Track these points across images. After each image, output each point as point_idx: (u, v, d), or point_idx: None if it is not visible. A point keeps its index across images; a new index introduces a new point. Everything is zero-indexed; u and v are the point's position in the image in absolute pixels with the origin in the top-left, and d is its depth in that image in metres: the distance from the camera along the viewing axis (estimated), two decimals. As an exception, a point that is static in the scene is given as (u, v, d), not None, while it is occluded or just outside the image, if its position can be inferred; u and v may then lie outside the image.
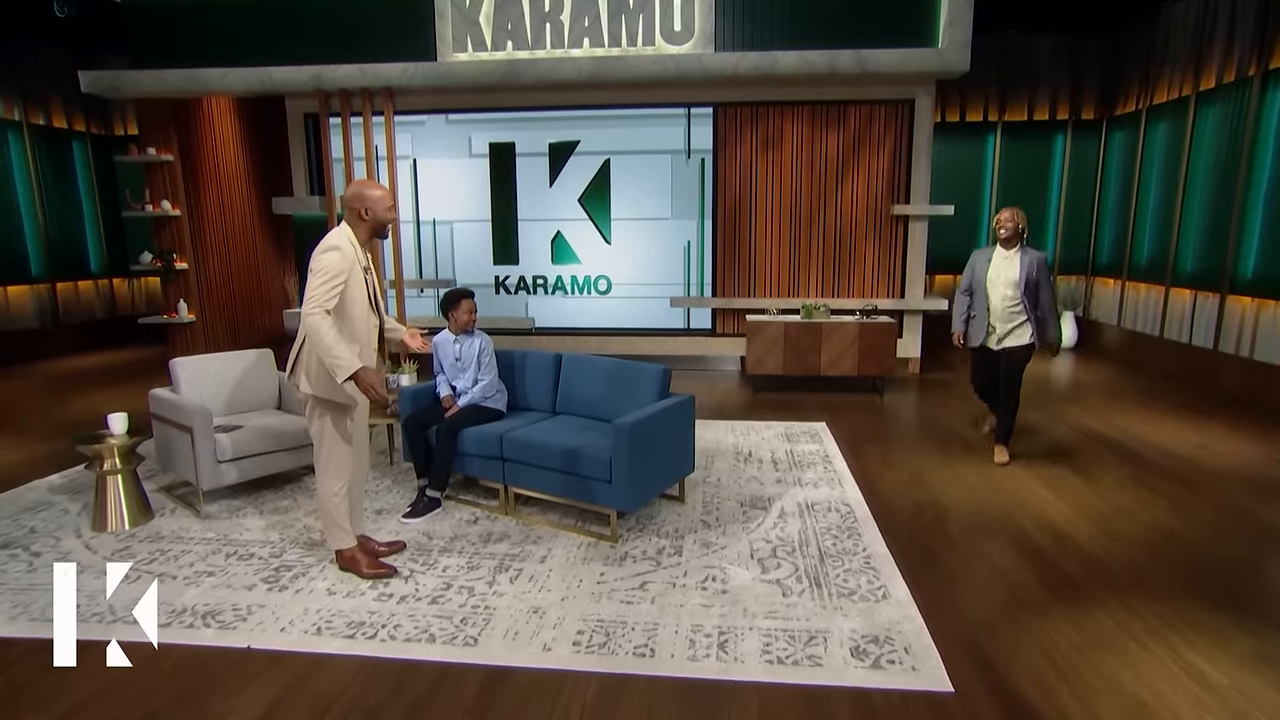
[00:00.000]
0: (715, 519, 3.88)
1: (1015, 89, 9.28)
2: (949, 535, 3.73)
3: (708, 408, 6.32)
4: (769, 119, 7.50)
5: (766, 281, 7.75)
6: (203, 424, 3.83)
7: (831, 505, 4.05)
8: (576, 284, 8.05)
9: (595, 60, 7.05)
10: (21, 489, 4.35)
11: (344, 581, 3.23)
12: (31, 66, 8.34)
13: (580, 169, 7.84)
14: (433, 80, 7.24)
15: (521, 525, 3.84)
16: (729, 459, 4.88)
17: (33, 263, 8.61)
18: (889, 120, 7.40)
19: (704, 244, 7.82)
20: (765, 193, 7.62)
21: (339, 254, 2.90)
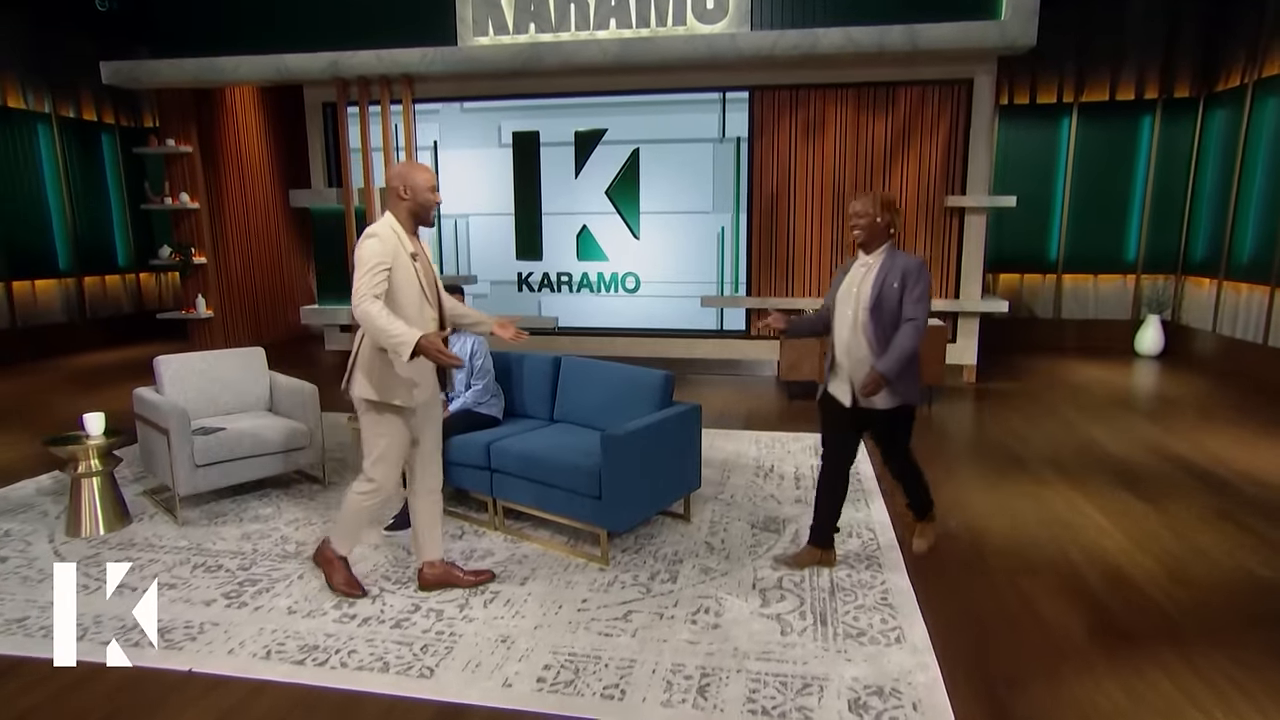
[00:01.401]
0: (720, 542, 3.66)
1: (1095, 66, 8.70)
2: (984, 569, 3.41)
3: (733, 416, 6.09)
4: (810, 103, 7.21)
5: (805, 279, 7.45)
6: (179, 425, 3.81)
7: (853, 529, 3.78)
8: (603, 281, 7.92)
9: (622, 42, 6.90)
10: (9, 489, 4.44)
11: (306, 600, 3.14)
12: (61, 58, 8.67)
13: (608, 159, 7.71)
14: (452, 66, 7.20)
15: (509, 542, 3.70)
16: (747, 474, 4.65)
17: (60, 257, 8.96)
18: (944, 103, 7.01)
19: (739, 239, 7.58)
20: (805, 183, 7.33)
21: (377, 241, 2.79)
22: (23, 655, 2.75)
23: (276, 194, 9.50)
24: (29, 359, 8.44)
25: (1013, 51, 6.59)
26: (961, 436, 5.72)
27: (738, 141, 7.44)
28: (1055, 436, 5.48)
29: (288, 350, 9.24)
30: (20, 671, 2.67)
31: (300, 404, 4.36)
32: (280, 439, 4.22)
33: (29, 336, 8.55)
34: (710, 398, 6.80)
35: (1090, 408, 6.28)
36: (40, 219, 8.71)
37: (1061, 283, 9.20)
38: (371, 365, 2.89)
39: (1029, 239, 9.15)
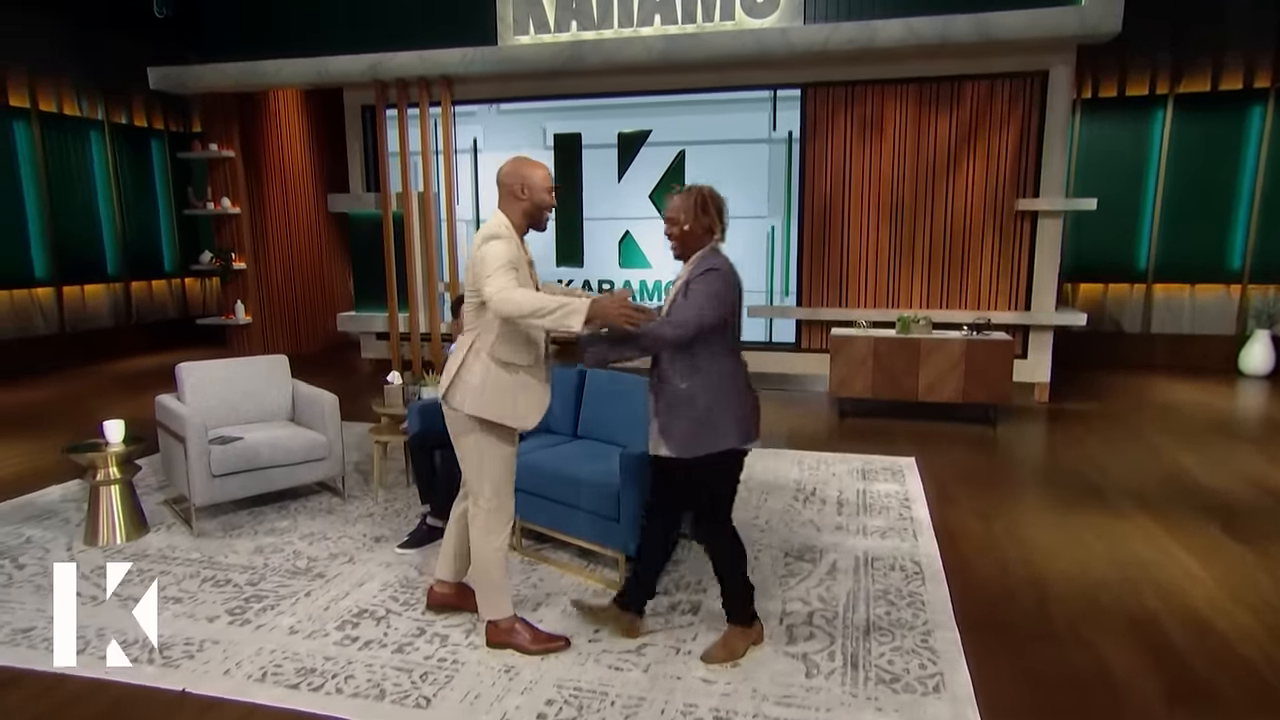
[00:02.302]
0: (750, 571, 3.48)
1: (1195, 54, 8.23)
2: (1044, 614, 3.19)
3: (777, 435, 5.95)
4: (866, 100, 7.03)
5: (860, 289, 7.25)
6: (196, 434, 3.90)
7: (896, 562, 3.60)
8: (646, 290, 7.86)
9: (667, 39, 6.87)
10: (35, 495, 4.62)
11: (310, 619, 3.14)
12: (116, 64, 9.14)
13: (652, 161, 7.68)
14: (492, 66, 7.30)
15: (526, 564, 3.65)
16: (786, 497, 4.51)
17: (109, 262, 9.41)
18: (1015, 97, 6.74)
19: (789, 246, 7.44)
20: (861, 186, 7.14)
21: (502, 243, 2.62)
22: (24, 667, 2.82)
23: (318, 199, 9.79)
24: (77, 363, 8.87)
25: (1094, 40, 6.29)
26: (1028, 461, 5.43)
27: (789, 142, 7.32)
28: (1138, 464, 5.15)
29: (325, 358, 9.48)
30: (19, 684, 2.74)
31: (319, 414, 4.42)
32: (299, 450, 4.28)
33: (77, 341, 9.00)
34: (755, 414, 6.63)
35: (1182, 432, 5.90)
36: (91, 225, 9.18)
37: (1152, 293, 8.71)
38: (485, 381, 2.67)
39: (1114, 245, 8.69)
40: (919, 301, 7.11)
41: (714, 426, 2.59)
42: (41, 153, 8.53)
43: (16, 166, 8.37)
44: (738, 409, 2.62)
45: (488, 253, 2.61)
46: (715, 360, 2.62)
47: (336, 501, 4.50)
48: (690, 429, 2.60)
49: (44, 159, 8.56)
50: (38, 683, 2.74)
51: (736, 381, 2.66)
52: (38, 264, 8.63)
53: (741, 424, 2.63)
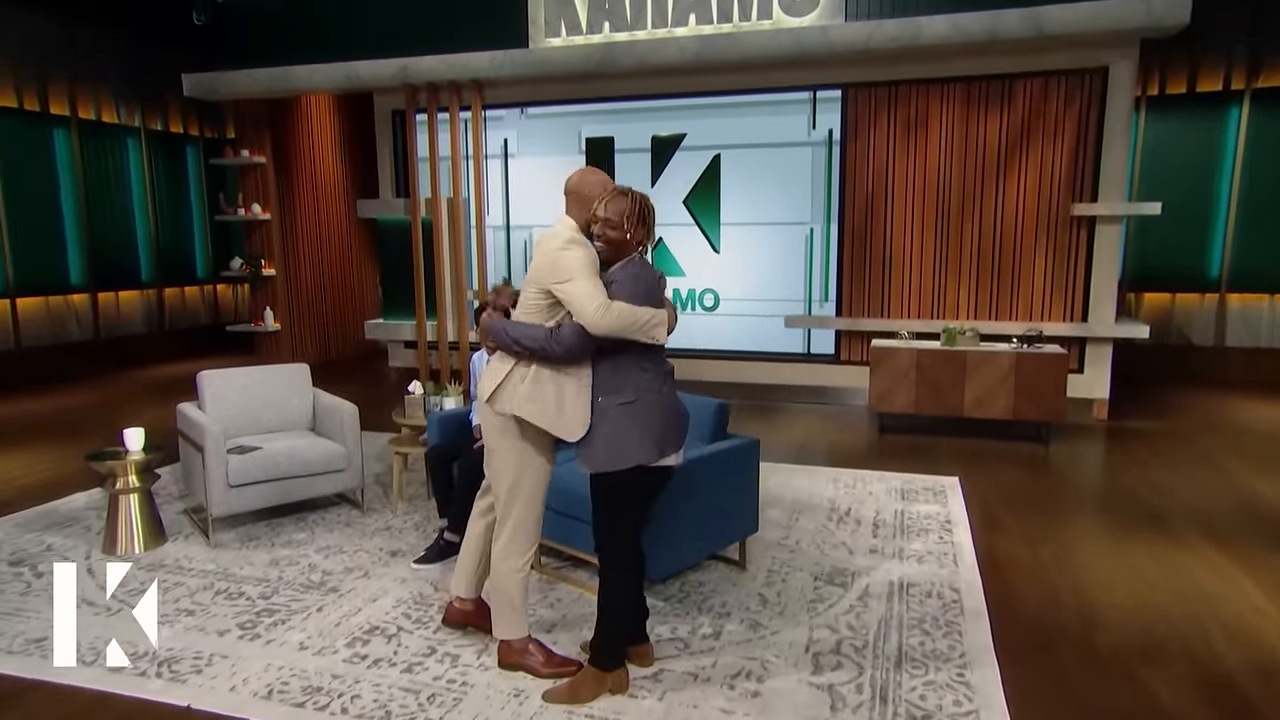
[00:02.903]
0: (777, 594, 3.47)
1: (1275, 45, 7.91)
2: (1093, 649, 3.06)
3: (814, 450, 5.86)
4: (911, 101, 6.92)
5: (903, 298, 7.12)
6: (214, 443, 3.98)
7: (934, 589, 3.50)
8: (679, 299, 7.88)
9: (701, 39, 6.86)
10: (59, 502, 4.75)
11: (320, 635, 3.17)
12: (154, 71, 9.48)
13: (686, 166, 7.68)
14: (522, 69, 7.37)
15: (543, 583, 3.64)
16: (819, 517, 4.43)
17: (143, 269, 9.73)
18: (1071, 96, 6.56)
19: (828, 253, 7.36)
20: (904, 190, 7.02)
21: (585, 250, 2.58)
22: (34, 678, 2.89)
23: (349, 205, 10.00)
24: (110, 370, 9.17)
25: (1160, 33, 6.10)
26: (1083, 483, 5.25)
27: (829, 145, 7.24)
28: (1206, 488, 4.94)
29: (354, 366, 9.65)
30: (27, 698, 2.80)
31: (339, 424, 4.48)
32: (318, 461, 4.34)
33: (111, 347, 9.31)
34: (791, 429, 6.57)
35: (1257, 455, 5.65)
36: (126, 231, 9.50)
37: (1226, 303, 8.38)
38: (537, 385, 2.62)
39: (1182, 252, 8.39)
40: (965, 312, 6.95)
41: (623, 441, 2.55)
42: (80, 160, 8.87)
43: (56, 174, 8.72)
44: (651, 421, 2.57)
45: (569, 260, 2.55)
46: (631, 370, 2.59)
47: (355, 514, 4.54)
48: (601, 443, 2.57)
49: (82, 166, 8.89)
50: (47, 694, 2.81)
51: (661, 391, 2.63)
52: (74, 270, 8.96)
53: (654, 438, 2.57)
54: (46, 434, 6.44)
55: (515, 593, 2.82)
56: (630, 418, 2.57)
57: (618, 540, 2.68)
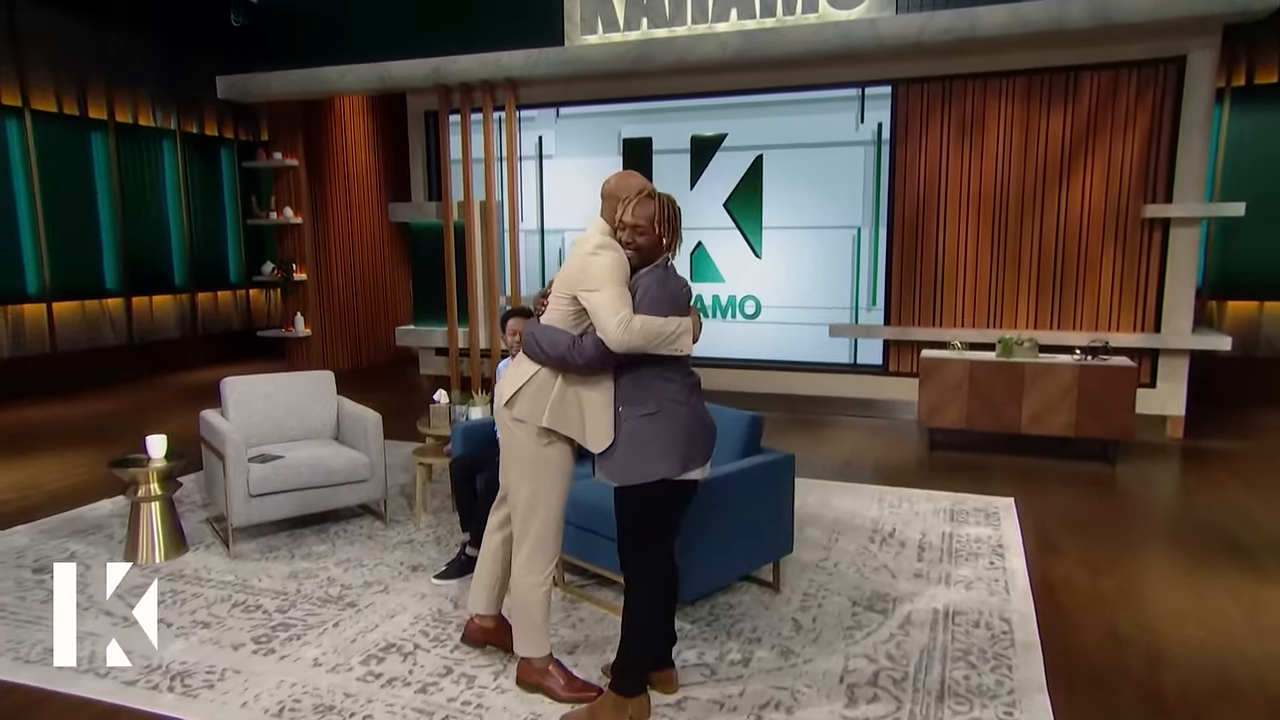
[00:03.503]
0: (812, 620, 3.40)
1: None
2: (1158, 690, 2.92)
3: (859, 467, 5.77)
4: (967, 96, 6.79)
5: (956, 306, 6.97)
6: (235, 452, 4.06)
7: (982, 619, 3.39)
8: (719, 306, 7.84)
9: (743, 35, 6.83)
10: (85, 509, 4.90)
11: (335, 652, 3.20)
12: (190, 74, 9.80)
13: (727, 167, 7.65)
14: (557, 68, 7.42)
15: (567, 601, 3.63)
16: (861, 538, 4.34)
17: (177, 273, 10.04)
18: (1144, 88, 6.36)
19: (876, 258, 7.25)
20: (959, 192, 6.89)
21: (618, 255, 2.57)
22: (49, 689, 2.97)
23: (382, 208, 10.18)
24: (143, 375, 9.47)
25: (1246, 18, 5.86)
26: (1153, 507, 5.05)
27: (877, 144, 7.14)
28: (1290, 516, 4.71)
29: (385, 373, 9.81)
30: (42, 708, 2.88)
31: (362, 433, 4.54)
32: (340, 470, 4.39)
33: (145, 352, 9.61)
34: (834, 443, 6.48)
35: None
36: (161, 235, 9.82)
37: (1322, 313, 8.02)
38: (561, 393, 2.63)
39: (1271, 256, 8.03)
40: (1024, 321, 6.77)
41: (646, 453, 2.53)
42: (116, 163, 9.20)
43: (93, 178, 9.05)
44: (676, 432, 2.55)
45: (599, 266, 2.53)
46: (654, 381, 2.56)
47: (378, 526, 4.59)
48: (623, 456, 2.56)
49: (118, 169, 9.22)
50: (60, 705, 2.88)
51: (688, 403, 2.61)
52: (109, 274, 9.28)
53: (679, 450, 2.55)
54: (79, 439, 6.66)
55: (537, 609, 2.80)
56: (653, 429, 2.55)
57: (643, 556, 2.65)
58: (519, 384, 2.67)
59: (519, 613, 2.83)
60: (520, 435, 2.69)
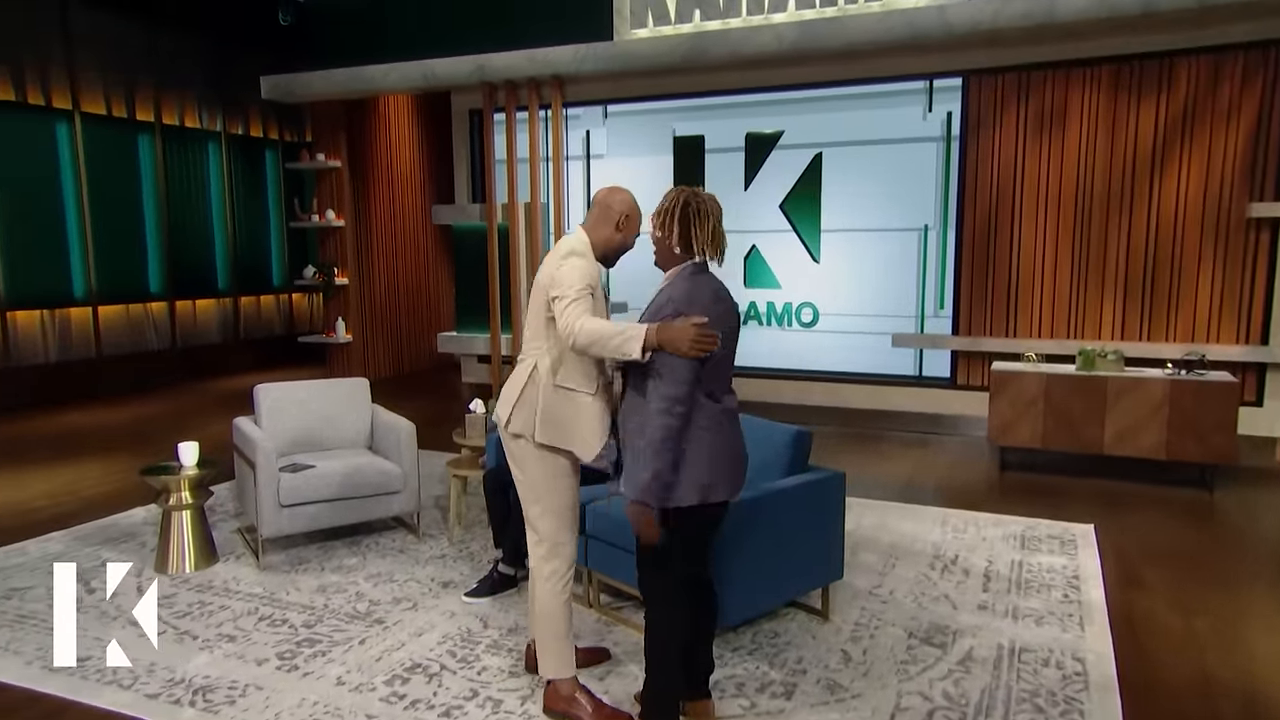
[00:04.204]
0: (862, 652, 3.31)
1: None
2: (1254, 744, 2.75)
3: (921, 487, 5.64)
4: (1045, 88, 6.60)
5: (1032, 315, 6.79)
6: (265, 461, 4.15)
7: (1053, 657, 3.25)
8: (774, 313, 7.79)
9: (801, 25, 6.77)
10: (120, 516, 5.07)
11: (359, 670, 3.23)
12: (236, 75, 10.15)
13: (784, 166, 7.61)
14: (605, 64, 7.47)
15: (602, 624, 3.60)
16: (920, 563, 4.22)
17: (220, 277, 10.39)
18: (1250, 74, 6.10)
19: (944, 263, 7.09)
20: (1036, 190, 6.70)
21: (586, 262, 2.70)
22: (71, 699, 3.06)
23: (425, 211, 10.36)
24: (185, 380, 9.81)
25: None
26: (1257, 539, 4.79)
27: (946, 141, 7.01)
28: None
29: (427, 380, 9.96)
30: (63, 718, 2.97)
31: (395, 443, 4.59)
32: (373, 481, 4.45)
33: (187, 357, 9.96)
34: (895, 461, 6.34)
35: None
36: (205, 238, 10.18)
37: None
38: (549, 406, 2.75)
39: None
40: (1108, 331, 6.54)
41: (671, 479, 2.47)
42: (162, 166, 9.58)
43: (139, 180, 9.44)
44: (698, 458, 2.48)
45: (567, 272, 2.65)
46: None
47: (410, 540, 4.64)
48: (640, 474, 2.47)
49: (164, 172, 9.60)
50: (81, 715, 2.97)
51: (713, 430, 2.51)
52: (153, 278, 9.65)
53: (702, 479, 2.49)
54: (120, 444, 6.92)
55: (560, 618, 2.85)
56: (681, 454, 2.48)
57: (656, 577, 2.63)
58: (512, 401, 2.79)
59: (543, 623, 2.87)
60: (520, 450, 2.81)
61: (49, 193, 8.62)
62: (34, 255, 8.49)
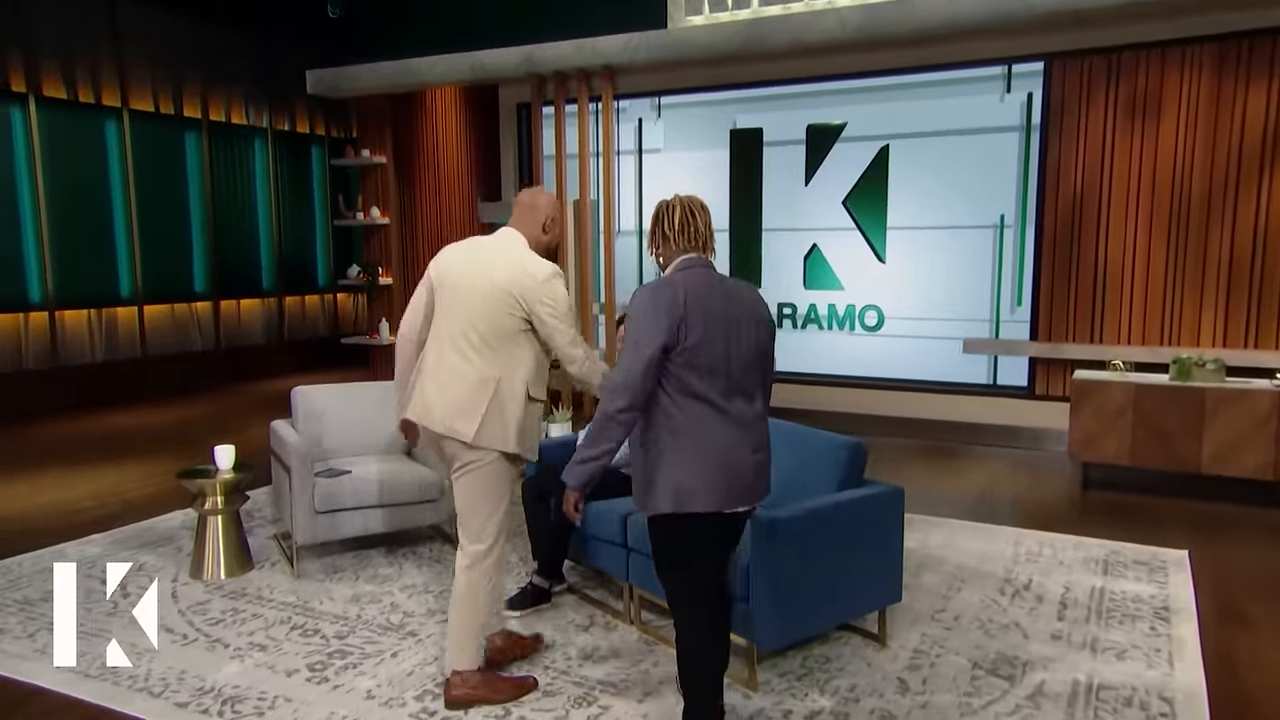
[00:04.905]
0: (921, 682, 3.23)
1: None
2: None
3: (993, 505, 5.51)
4: (1138, 70, 6.38)
5: (1121, 319, 6.58)
6: (300, 465, 4.23)
7: (1136, 696, 3.12)
8: (835, 316, 7.70)
9: (866, 9, 6.67)
10: (158, 519, 5.24)
11: (390, 684, 3.27)
12: (283, 70, 10.45)
13: (847, 160, 7.52)
14: (658, 53, 7.47)
15: (642, 642, 3.59)
16: (989, 587, 4.12)
17: (265, 276, 10.69)
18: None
19: (1022, 263, 6.93)
20: (1127, 184, 6.49)
21: (562, 281, 3.08)
22: (102, 704, 3.17)
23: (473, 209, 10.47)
24: (229, 381, 10.11)
25: None
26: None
27: (1025, 131, 6.84)
28: None
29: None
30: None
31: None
32: (410, 488, 4.50)
33: (230, 358, 10.27)
34: (966, 476, 6.21)
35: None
36: (250, 237, 10.50)
37: None
38: (523, 416, 3.02)
39: None
40: (1207, 338, 6.29)
41: (652, 485, 2.55)
42: (208, 163, 9.91)
43: (185, 178, 9.78)
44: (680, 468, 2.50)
45: (559, 293, 2.99)
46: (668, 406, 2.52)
47: (447, 550, 4.68)
48: (639, 482, 2.63)
49: (210, 169, 9.93)
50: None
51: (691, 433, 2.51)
52: (198, 278, 9.98)
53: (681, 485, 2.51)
54: (163, 446, 7.16)
55: (486, 606, 3.11)
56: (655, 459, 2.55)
57: (665, 581, 2.73)
58: (477, 414, 2.92)
59: (469, 614, 3.05)
60: (481, 461, 2.99)
61: (97, 191, 8.98)
62: (82, 254, 8.86)
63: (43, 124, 8.45)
